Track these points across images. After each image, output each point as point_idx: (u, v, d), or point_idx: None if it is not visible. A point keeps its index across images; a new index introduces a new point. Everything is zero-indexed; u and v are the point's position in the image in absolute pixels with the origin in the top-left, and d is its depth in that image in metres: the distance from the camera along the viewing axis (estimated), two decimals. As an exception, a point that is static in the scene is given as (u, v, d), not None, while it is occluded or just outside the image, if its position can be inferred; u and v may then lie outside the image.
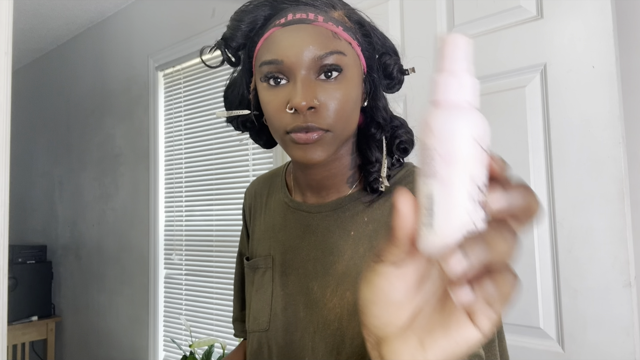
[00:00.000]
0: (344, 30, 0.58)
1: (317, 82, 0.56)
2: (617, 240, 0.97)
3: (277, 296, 0.67)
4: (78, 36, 3.23)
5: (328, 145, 0.57)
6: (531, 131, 1.10)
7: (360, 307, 0.34)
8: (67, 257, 3.23)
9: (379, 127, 0.63)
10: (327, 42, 0.56)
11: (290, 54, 0.55)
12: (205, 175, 2.32)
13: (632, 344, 0.95)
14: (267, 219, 0.73)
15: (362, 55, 0.60)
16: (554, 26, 1.07)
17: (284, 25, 0.57)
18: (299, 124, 0.55)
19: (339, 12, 0.60)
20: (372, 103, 0.62)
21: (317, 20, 0.56)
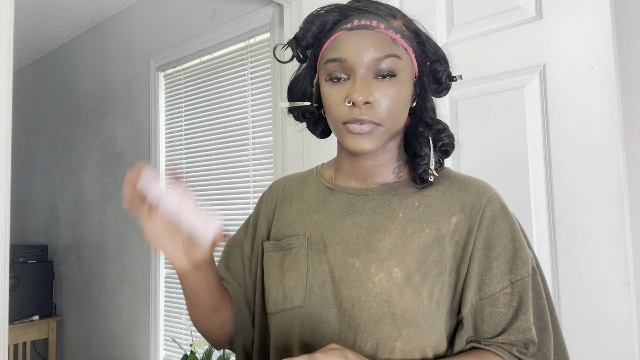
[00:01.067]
0: (402, 38, 0.66)
1: (374, 80, 0.64)
2: (615, 240, 0.97)
3: (313, 273, 0.69)
4: (79, 37, 3.24)
5: (378, 138, 0.65)
6: (530, 131, 1.10)
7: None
8: (68, 257, 3.24)
9: (426, 126, 0.70)
10: (386, 46, 0.64)
11: (353, 54, 0.64)
12: (206, 175, 2.33)
13: (631, 344, 0.95)
14: (300, 205, 0.77)
15: (415, 61, 0.68)
16: (553, 27, 1.07)
17: (350, 29, 0.65)
18: (355, 116, 0.63)
19: (398, 21, 0.68)
20: (421, 104, 0.70)
21: (379, 27, 0.65)
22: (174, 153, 2.51)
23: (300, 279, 0.69)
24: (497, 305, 0.65)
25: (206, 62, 2.33)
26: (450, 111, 1.24)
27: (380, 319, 0.63)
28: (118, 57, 2.88)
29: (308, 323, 0.67)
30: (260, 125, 2.07)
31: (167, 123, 2.56)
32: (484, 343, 0.66)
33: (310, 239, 0.72)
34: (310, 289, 0.68)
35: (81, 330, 3.10)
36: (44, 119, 3.58)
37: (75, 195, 3.20)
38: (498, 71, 1.15)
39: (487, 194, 0.69)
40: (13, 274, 2.94)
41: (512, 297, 0.65)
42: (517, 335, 0.64)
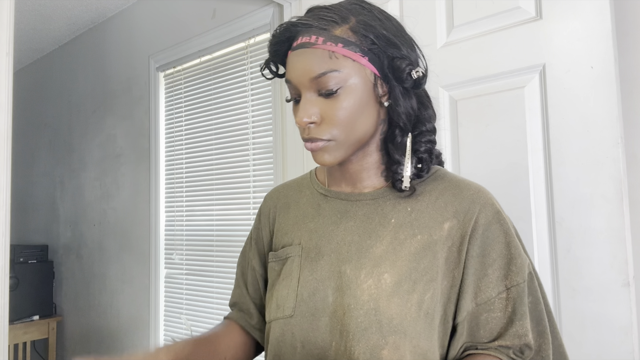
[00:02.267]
0: (344, 47, 0.63)
1: (319, 98, 0.65)
2: (615, 240, 0.97)
3: (304, 282, 0.69)
4: (79, 37, 3.24)
5: (335, 151, 0.66)
6: (530, 131, 1.10)
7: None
8: (69, 257, 3.24)
9: (400, 130, 0.68)
10: (322, 63, 0.63)
11: (294, 76, 0.66)
12: (206, 175, 2.33)
13: (631, 344, 0.95)
14: (296, 213, 0.78)
15: (369, 65, 0.65)
16: (553, 27, 1.07)
17: (293, 49, 0.66)
18: (304, 136, 0.66)
19: (343, 27, 0.65)
20: (393, 105, 0.67)
21: (317, 43, 0.64)
22: (174, 153, 2.51)
23: (292, 287, 0.69)
24: (493, 310, 0.65)
25: (206, 62, 2.33)
26: (450, 111, 1.25)
27: (367, 327, 0.63)
28: (118, 57, 2.88)
29: (299, 332, 0.67)
30: (260, 125, 2.07)
31: (167, 123, 2.56)
32: (480, 347, 0.66)
33: (304, 247, 0.72)
34: (301, 298, 0.68)
35: (81, 330, 3.10)
36: (44, 119, 3.58)
37: (75, 195, 3.20)
38: (498, 71, 1.15)
39: (482, 199, 0.68)
40: (13, 274, 2.94)
41: (507, 302, 0.65)
42: (512, 341, 0.64)
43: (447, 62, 1.24)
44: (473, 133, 1.20)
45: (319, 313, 0.66)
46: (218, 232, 2.25)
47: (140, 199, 2.66)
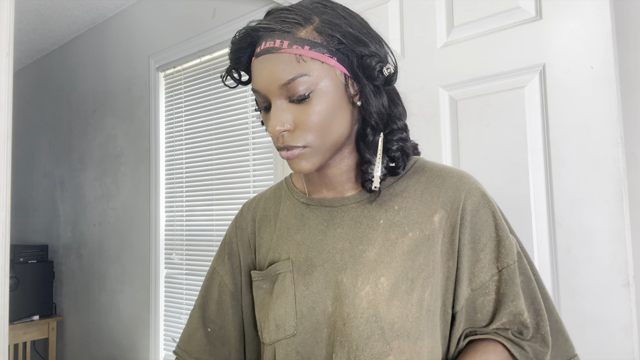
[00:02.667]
0: (311, 49, 0.60)
1: (290, 105, 0.62)
2: (615, 240, 0.98)
3: (301, 297, 0.66)
4: (79, 37, 3.24)
5: (312, 157, 0.63)
6: (530, 131, 1.10)
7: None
8: (69, 257, 3.24)
9: (372, 129, 0.66)
10: (289, 68, 0.60)
11: (261, 85, 0.62)
12: (206, 175, 2.33)
13: (631, 344, 0.95)
14: (279, 226, 0.74)
15: (338, 65, 0.62)
16: (552, 27, 1.07)
17: (257, 55, 0.63)
18: (279, 145, 0.63)
19: (307, 28, 0.62)
20: (364, 103, 0.65)
21: (282, 47, 0.60)
22: (174, 153, 2.51)
23: (289, 305, 0.66)
24: (488, 293, 0.65)
25: (206, 62, 2.33)
26: (450, 111, 1.25)
27: (369, 335, 0.61)
28: (118, 57, 2.88)
29: (304, 350, 0.65)
30: (260, 125, 2.07)
31: (167, 123, 2.56)
32: (479, 332, 0.66)
33: (294, 261, 0.69)
34: (301, 315, 0.65)
35: (81, 330, 3.10)
36: (44, 119, 3.58)
37: (75, 195, 3.20)
38: (498, 71, 1.15)
39: (466, 185, 0.67)
40: (13, 274, 2.94)
41: (499, 284, 0.65)
42: (509, 318, 0.65)
43: (447, 62, 1.24)
44: (473, 133, 1.20)
45: (320, 326, 0.65)
46: (218, 232, 2.25)
47: (140, 199, 2.66)
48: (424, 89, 1.28)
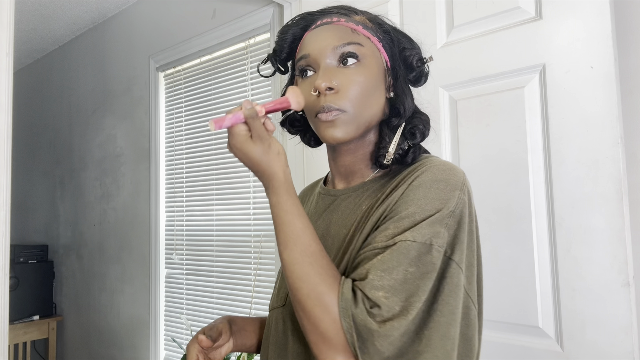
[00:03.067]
0: (364, 29, 0.68)
1: (337, 68, 0.66)
2: (615, 240, 0.98)
3: None
4: (79, 37, 3.24)
5: (346, 125, 0.65)
6: (530, 131, 1.10)
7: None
8: (69, 257, 3.24)
9: (399, 116, 0.69)
10: (345, 35, 0.66)
11: (314, 48, 0.67)
12: (206, 175, 2.33)
13: (631, 343, 0.95)
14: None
15: (383, 50, 0.69)
16: (552, 27, 1.07)
17: (312, 29, 0.70)
18: (321, 104, 0.65)
19: (360, 16, 0.71)
20: (396, 93, 0.69)
21: (339, 22, 0.68)
22: (174, 153, 2.51)
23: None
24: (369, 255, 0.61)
25: (206, 62, 2.33)
26: (450, 111, 1.25)
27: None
28: (118, 57, 2.88)
29: (290, 320, 0.69)
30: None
31: (167, 123, 2.57)
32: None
33: None
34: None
35: (81, 330, 3.10)
36: (44, 119, 3.58)
37: (76, 195, 3.20)
38: (498, 71, 1.15)
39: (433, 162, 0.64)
40: (13, 274, 2.94)
41: (383, 250, 0.58)
42: (355, 276, 0.59)
43: (447, 62, 1.24)
44: (473, 133, 1.20)
45: None
46: (218, 232, 2.25)
47: (140, 199, 2.66)
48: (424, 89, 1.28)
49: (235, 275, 2.15)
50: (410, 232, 0.57)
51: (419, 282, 0.55)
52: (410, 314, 0.54)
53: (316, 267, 0.58)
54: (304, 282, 0.58)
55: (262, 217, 2.06)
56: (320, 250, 0.60)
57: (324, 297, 0.56)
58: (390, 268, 0.56)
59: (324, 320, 0.55)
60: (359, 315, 0.54)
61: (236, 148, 0.64)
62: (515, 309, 1.10)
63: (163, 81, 2.59)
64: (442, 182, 0.61)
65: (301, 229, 0.61)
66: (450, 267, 0.58)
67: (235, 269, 2.15)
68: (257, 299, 2.03)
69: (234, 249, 2.16)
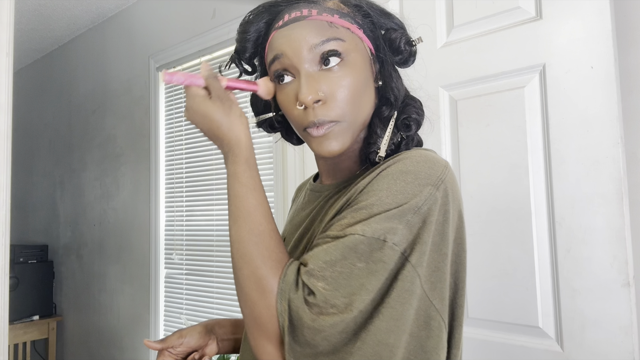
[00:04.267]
0: (341, 18, 0.59)
1: (320, 73, 0.58)
2: (615, 240, 0.97)
3: None
4: (79, 37, 3.24)
5: (342, 135, 0.59)
6: (530, 131, 1.10)
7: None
8: (69, 257, 3.24)
9: (389, 105, 0.63)
10: (322, 31, 0.58)
11: (288, 49, 0.58)
12: (206, 175, 2.33)
13: (631, 343, 0.95)
14: (294, 208, 0.81)
15: (365, 37, 0.61)
16: (553, 27, 1.07)
17: (281, 27, 0.60)
18: (311, 119, 0.58)
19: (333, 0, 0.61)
20: (384, 81, 0.63)
21: (311, 15, 0.59)
22: (174, 153, 2.51)
23: None
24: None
25: (206, 62, 2.32)
26: (450, 111, 1.25)
27: None
28: (118, 57, 2.88)
29: None
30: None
31: (167, 123, 2.56)
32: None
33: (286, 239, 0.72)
34: None
35: (81, 330, 3.10)
36: (44, 119, 3.58)
37: (75, 195, 3.20)
38: (498, 71, 1.15)
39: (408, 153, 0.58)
40: (13, 274, 2.94)
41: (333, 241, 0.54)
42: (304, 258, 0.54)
43: (447, 62, 1.24)
44: (473, 133, 1.20)
45: None
46: (218, 232, 2.25)
47: (140, 199, 2.66)
48: (423, 89, 1.28)
49: (235, 275, 2.15)
50: (361, 224, 0.52)
51: (365, 279, 0.50)
52: (352, 312, 0.49)
53: (261, 247, 0.54)
54: (246, 263, 0.54)
55: (262, 217, 2.06)
56: (271, 230, 0.56)
57: (262, 281, 0.53)
58: (334, 260, 0.51)
59: (258, 305, 0.52)
60: (295, 300, 0.50)
61: (193, 110, 0.58)
62: (515, 309, 1.10)
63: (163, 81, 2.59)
64: (411, 175, 0.54)
65: (254, 205, 0.56)
66: (404, 269, 0.51)
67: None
68: (257, 299, 2.03)
69: (234, 249, 2.16)
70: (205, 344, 0.78)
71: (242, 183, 0.57)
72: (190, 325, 0.81)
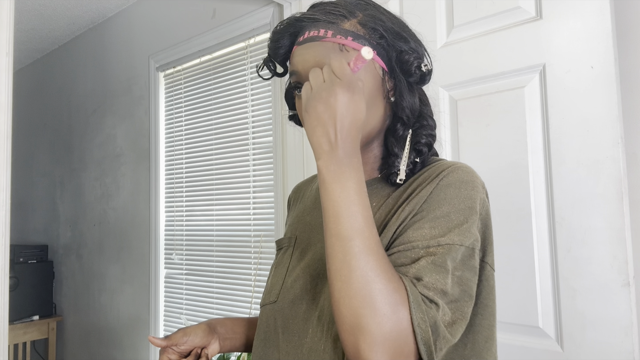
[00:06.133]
0: (354, 40, 0.64)
1: None
2: (615, 240, 0.97)
3: (291, 270, 0.71)
4: (79, 37, 3.24)
5: None
6: (530, 131, 1.10)
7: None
8: (68, 257, 3.24)
9: (403, 124, 0.68)
10: (332, 54, 0.63)
11: (301, 68, 0.65)
12: (206, 175, 2.33)
13: (631, 343, 0.95)
14: (300, 207, 0.81)
15: (377, 58, 0.66)
16: (553, 27, 1.07)
17: (300, 43, 0.67)
18: None
19: (352, 20, 0.66)
20: (397, 100, 0.67)
21: (327, 36, 0.64)
22: (174, 153, 2.51)
23: (281, 275, 0.72)
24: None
25: (206, 62, 2.33)
26: (450, 111, 1.25)
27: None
28: (118, 57, 2.88)
29: (281, 318, 0.68)
30: (260, 125, 2.07)
31: (167, 123, 2.56)
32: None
33: (299, 238, 0.74)
34: (286, 286, 0.70)
35: (81, 330, 3.10)
36: (44, 119, 3.58)
37: (75, 195, 3.20)
38: (498, 71, 1.15)
39: (448, 165, 0.65)
40: (13, 274, 2.94)
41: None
42: None
43: (447, 62, 1.24)
44: (473, 133, 1.20)
45: (297, 300, 0.67)
46: (218, 232, 2.25)
47: (140, 199, 2.66)
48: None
49: (235, 275, 2.15)
50: (456, 235, 0.57)
51: (466, 286, 0.56)
52: (466, 318, 0.55)
53: (383, 262, 0.54)
54: (378, 276, 0.53)
55: (262, 217, 2.06)
56: (380, 245, 0.57)
57: (395, 295, 0.52)
58: (443, 272, 0.55)
59: (390, 318, 0.51)
60: (430, 312, 0.52)
61: (351, 95, 0.56)
62: (515, 309, 1.10)
63: (163, 81, 2.59)
64: (470, 184, 0.62)
65: (364, 219, 0.56)
66: (485, 270, 0.59)
67: (235, 269, 2.15)
68: (257, 299, 2.03)
69: (234, 249, 2.16)
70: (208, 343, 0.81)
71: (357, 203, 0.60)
72: (192, 325, 0.82)
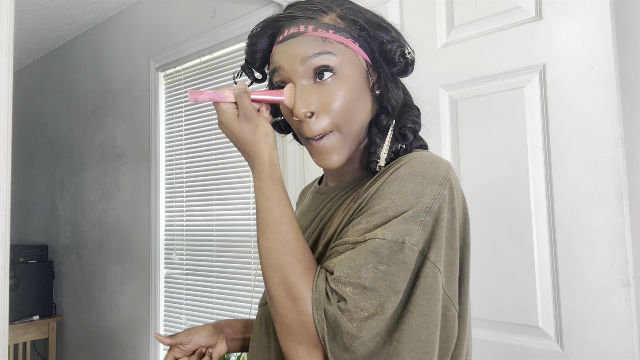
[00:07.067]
0: (335, 33, 0.63)
1: (314, 86, 0.62)
2: (615, 240, 0.98)
3: None
4: (79, 37, 3.24)
5: (341, 148, 0.63)
6: (530, 131, 1.10)
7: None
8: (69, 257, 3.24)
9: (387, 114, 0.66)
10: (315, 46, 0.62)
11: (284, 64, 0.63)
12: (206, 175, 2.33)
13: (631, 343, 0.95)
14: (298, 210, 0.82)
15: (360, 50, 0.65)
16: (553, 27, 1.07)
17: (280, 42, 0.65)
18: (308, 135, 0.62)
19: (331, 15, 0.65)
20: (382, 91, 0.66)
21: (307, 31, 0.63)
22: (174, 153, 2.51)
23: None
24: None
25: (206, 62, 2.33)
26: (450, 111, 1.25)
27: None
28: (118, 57, 2.88)
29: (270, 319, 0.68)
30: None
31: (167, 123, 2.56)
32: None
33: None
34: None
35: (81, 330, 3.10)
36: (44, 119, 3.58)
37: (75, 195, 3.20)
38: (498, 71, 1.15)
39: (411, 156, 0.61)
40: (13, 274, 2.94)
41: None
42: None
43: (447, 62, 1.24)
44: (473, 133, 1.20)
45: None
46: (218, 232, 2.25)
47: (140, 199, 2.66)
48: (423, 89, 1.28)
49: (235, 276, 2.15)
50: (380, 229, 0.55)
51: (390, 281, 0.53)
52: (383, 314, 0.52)
53: (289, 256, 0.57)
54: (275, 272, 0.57)
55: (262, 217, 2.06)
56: (297, 240, 0.59)
57: (293, 288, 0.55)
58: (358, 265, 0.53)
59: (290, 311, 0.55)
60: (331, 309, 0.53)
61: (224, 125, 0.64)
62: (515, 309, 1.10)
63: (163, 81, 2.59)
64: (419, 176, 0.58)
65: (279, 217, 0.59)
66: (425, 267, 0.55)
67: (235, 269, 2.15)
68: (257, 299, 2.03)
69: (234, 249, 2.16)
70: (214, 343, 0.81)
71: (266, 196, 0.61)
72: (196, 326, 0.83)
